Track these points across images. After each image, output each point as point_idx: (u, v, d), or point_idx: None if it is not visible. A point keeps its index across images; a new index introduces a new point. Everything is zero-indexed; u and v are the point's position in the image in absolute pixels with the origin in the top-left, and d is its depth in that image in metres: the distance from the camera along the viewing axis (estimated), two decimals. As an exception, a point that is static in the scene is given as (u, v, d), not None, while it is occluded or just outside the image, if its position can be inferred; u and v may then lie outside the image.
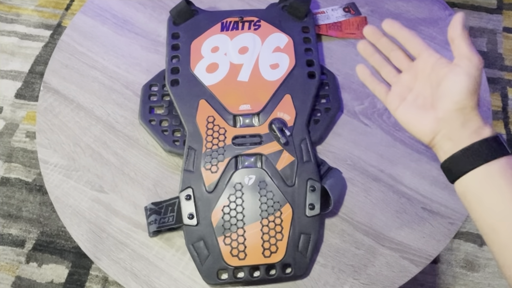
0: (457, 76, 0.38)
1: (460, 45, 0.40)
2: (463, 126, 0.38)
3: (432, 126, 0.40)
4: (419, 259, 0.54)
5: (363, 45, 0.46)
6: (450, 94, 0.38)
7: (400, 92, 0.43)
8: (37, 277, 1.01)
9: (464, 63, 0.39)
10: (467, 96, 0.38)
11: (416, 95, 0.42)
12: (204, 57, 0.64)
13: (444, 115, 0.39)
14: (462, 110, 0.38)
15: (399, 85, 0.43)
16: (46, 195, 1.11)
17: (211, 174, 0.55)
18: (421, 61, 0.43)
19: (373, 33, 0.45)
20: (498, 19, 1.43)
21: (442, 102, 0.39)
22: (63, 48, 0.69)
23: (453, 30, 0.40)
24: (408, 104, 0.42)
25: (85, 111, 0.63)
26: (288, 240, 0.52)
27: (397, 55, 0.45)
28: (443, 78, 0.39)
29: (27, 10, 1.42)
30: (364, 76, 0.46)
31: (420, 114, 0.41)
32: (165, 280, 0.52)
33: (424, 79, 0.42)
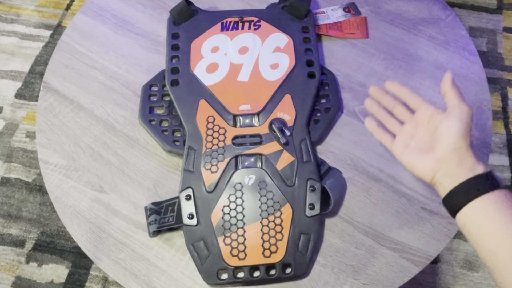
0: (450, 122, 0.45)
1: (451, 97, 0.46)
2: (459, 165, 0.44)
3: (432, 166, 0.45)
4: (419, 259, 0.54)
5: (370, 102, 0.54)
6: (445, 137, 0.45)
7: (403, 140, 0.49)
8: (37, 277, 1.01)
9: (456, 111, 0.45)
10: (461, 138, 0.44)
11: (417, 141, 0.48)
12: (204, 57, 0.64)
13: (442, 155, 0.44)
14: (457, 151, 0.44)
15: (402, 134, 0.50)
16: (46, 195, 1.11)
17: (211, 174, 0.55)
18: (420, 113, 0.49)
19: (377, 91, 0.54)
20: (498, 19, 1.42)
21: (439, 145, 0.45)
22: (63, 48, 0.69)
23: (444, 85, 0.47)
24: (411, 149, 0.48)
25: (85, 111, 0.64)
26: (288, 240, 0.52)
27: (399, 109, 0.52)
28: (439, 125, 0.46)
29: (27, 10, 1.42)
30: (372, 128, 0.53)
31: (422, 156, 0.47)
32: (165, 280, 0.52)
33: (423, 127, 0.48)
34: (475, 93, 0.66)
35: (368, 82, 0.66)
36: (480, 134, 0.62)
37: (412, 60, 0.69)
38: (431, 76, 0.67)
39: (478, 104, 0.65)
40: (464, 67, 0.68)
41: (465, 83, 0.67)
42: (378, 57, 0.69)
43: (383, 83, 0.66)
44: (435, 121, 0.47)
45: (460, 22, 0.73)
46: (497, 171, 1.17)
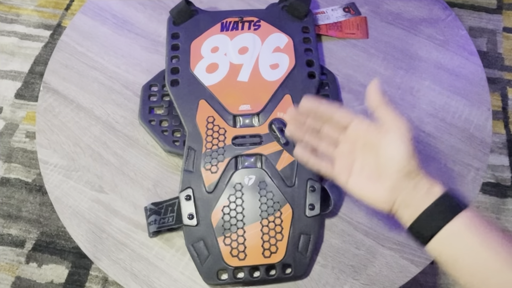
0: (392, 144, 0.40)
1: (384, 113, 0.41)
2: (415, 191, 0.39)
3: (387, 196, 0.41)
4: (419, 259, 0.54)
5: (292, 128, 0.46)
6: (392, 163, 0.40)
7: (344, 165, 0.43)
8: (37, 277, 1.01)
9: (393, 129, 0.40)
10: (408, 160, 0.39)
11: (361, 166, 0.43)
12: (204, 57, 0.64)
13: (394, 183, 0.40)
14: (408, 175, 0.40)
15: (341, 159, 0.44)
16: (46, 195, 1.11)
17: (211, 174, 0.55)
18: (353, 131, 0.43)
19: (297, 114, 0.45)
20: (498, 19, 1.43)
21: (388, 172, 0.40)
22: (63, 48, 0.69)
23: (371, 99, 0.41)
24: (356, 176, 0.43)
25: (85, 111, 0.63)
26: (288, 240, 0.52)
27: (328, 130, 0.45)
28: (380, 147, 0.40)
29: (27, 10, 1.42)
30: (305, 159, 0.45)
31: (372, 186, 0.41)
32: (165, 280, 0.52)
33: (362, 149, 0.43)
34: (475, 93, 0.66)
35: (368, 82, 0.66)
36: (480, 134, 0.62)
37: (412, 60, 0.69)
38: (431, 76, 0.67)
39: (478, 104, 0.65)
40: (464, 67, 0.68)
41: (465, 83, 0.67)
42: (378, 57, 0.69)
43: (383, 83, 0.66)
44: (374, 140, 0.41)
45: (460, 22, 0.73)
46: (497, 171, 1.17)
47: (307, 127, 0.46)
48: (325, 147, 0.45)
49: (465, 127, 0.63)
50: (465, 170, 0.59)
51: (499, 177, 1.16)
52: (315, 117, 0.46)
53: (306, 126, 0.46)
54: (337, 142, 0.45)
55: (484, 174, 0.59)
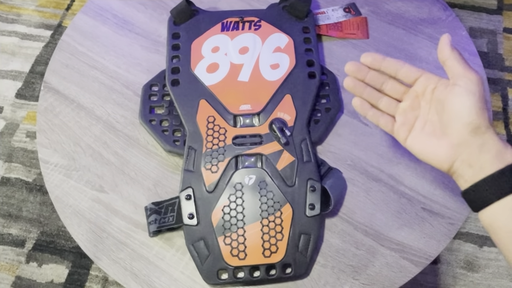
0: (459, 97, 0.37)
1: (453, 65, 0.39)
2: (482, 150, 0.36)
3: (449, 154, 0.38)
4: (419, 259, 0.54)
5: (352, 82, 0.43)
6: (458, 116, 0.37)
7: (406, 121, 0.41)
8: (37, 277, 1.01)
9: (462, 82, 0.37)
10: (477, 114, 0.36)
11: (423, 122, 0.40)
12: (205, 57, 0.64)
13: (459, 140, 0.37)
14: (476, 131, 0.36)
15: (403, 115, 0.41)
16: (46, 195, 1.11)
17: (211, 174, 0.55)
18: (419, 87, 0.41)
19: (357, 69, 0.43)
20: (498, 20, 1.43)
21: (453, 127, 0.37)
22: (64, 48, 0.69)
23: (442, 52, 0.40)
24: (417, 133, 0.40)
25: (85, 111, 0.64)
26: (288, 240, 0.52)
27: (392, 85, 0.42)
28: (446, 101, 0.38)
29: (27, 10, 1.42)
30: (365, 110, 0.43)
31: (433, 142, 0.39)
32: (165, 280, 0.52)
33: (427, 105, 0.40)
34: (475, 94, 0.66)
35: (369, 82, 0.66)
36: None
37: (413, 60, 0.69)
38: (432, 76, 0.67)
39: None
40: (464, 67, 0.68)
41: (465, 83, 0.67)
42: (378, 57, 0.69)
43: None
44: (440, 97, 0.39)
45: (460, 23, 0.73)
46: (497, 171, 1.16)
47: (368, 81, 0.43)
48: (386, 103, 0.42)
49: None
50: (465, 170, 0.59)
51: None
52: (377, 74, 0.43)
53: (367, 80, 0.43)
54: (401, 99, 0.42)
55: (484, 174, 0.59)
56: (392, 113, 0.43)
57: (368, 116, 0.43)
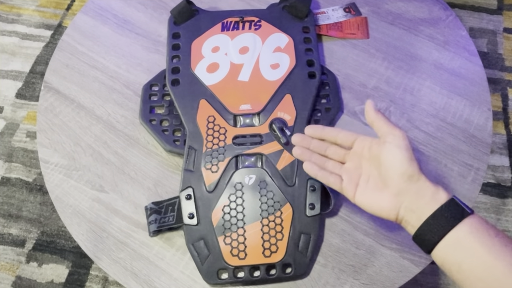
0: (390, 151, 0.42)
1: (380, 126, 0.44)
2: (419, 195, 0.40)
3: (392, 203, 0.42)
4: (419, 259, 0.54)
5: (299, 150, 0.49)
6: (393, 168, 0.41)
7: (351, 179, 0.45)
8: (37, 277, 1.01)
9: (390, 138, 0.42)
10: (408, 164, 0.41)
11: (366, 179, 0.45)
12: (205, 57, 0.64)
13: (398, 189, 0.41)
14: (410, 179, 0.41)
15: (348, 174, 0.46)
16: (46, 195, 1.11)
17: (211, 174, 0.55)
18: (357, 148, 0.46)
19: (302, 139, 0.49)
20: (499, 20, 1.43)
21: (391, 179, 0.42)
22: (64, 48, 0.69)
23: (368, 116, 0.45)
24: (362, 189, 0.44)
25: (85, 110, 0.64)
26: (288, 240, 0.52)
27: (333, 151, 0.48)
28: (381, 157, 0.42)
29: (28, 10, 1.43)
30: (315, 172, 0.47)
31: (377, 195, 0.43)
32: (165, 279, 0.52)
33: (367, 162, 0.45)
34: (475, 94, 0.66)
35: (369, 82, 0.66)
36: (480, 134, 0.62)
37: (413, 60, 0.69)
38: (432, 76, 0.67)
39: (478, 104, 0.65)
40: (464, 67, 0.68)
41: (465, 83, 0.67)
42: (378, 57, 0.69)
43: (383, 84, 0.66)
44: (375, 153, 0.43)
45: (461, 23, 0.73)
46: (497, 171, 1.17)
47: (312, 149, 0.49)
48: (332, 166, 0.48)
49: (466, 128, 0.63)
50: (465, 170, 0.59)
51: (499, 177, 1.16)
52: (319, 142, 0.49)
53: (312, 148, 0.49)
54: (343, 161, 0.48)
55: (484, 175, 0.59)
56: (338, 173, 0.47)
57: (319, 176, 0.47)
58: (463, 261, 0.38)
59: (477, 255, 0.37)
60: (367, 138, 0.45)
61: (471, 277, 0.37)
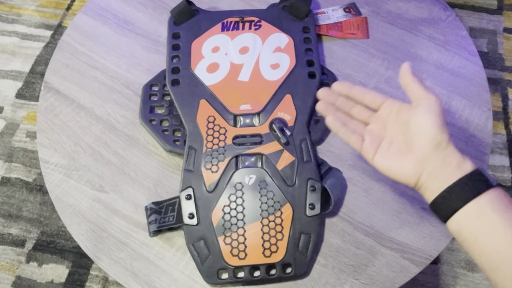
0: (422, 116, 0.40)
1: (414, 89, 0.42)
2: (444, 163, 0.39)
3: (415, 168, 0.41)
4: (420, 259, 0.54)
5: (323, 105, 0.47)
6: (422, 133, 0.40)
7: (373, 141, 0.44)
8: (37, 277, 1.01)
9: (424, 102, 0.41)
10: (438, 131, 0.40)
11: (389, 142, 0.43)
12: (205, 57, 0.64)
13: (423, 154, 0.40)
14: (438, 146, 0.40)
15: (370, 135, 0.44)
16: (46, 195, 1.11)
17: (211, 174, 0.55)
18: (384, 111, 0.45)
19: (328, 94, 0.47)
20: (499, 20, 1.43)
21: (417, 143, 0.40)
22: (64, 48, 0.69)
23: (404, 78, 0.43)
24: (383, 151, 0.43)
25: (85, 110, 0.64)
26: (288, 240, 0.52)
27: (358, 110, 0.46)
28: (410, 120, 0.41)
29: (28, 10, 1.43)
30: (337, 128, 0.46)
31: (399, 159, 0.42)
32: (165, 279, 0.52)
33: (392, 126, 0.44)
34: (475, 94, 0.66)
35: (369, 82, 0.66)
36: (480, 134, 0.62)
37: (413, 60, 0.69)
38: (432, 76, 0.67)
39: (478, 104, 0.65)
40: (464, 67, 0.68)
41: (465, 83, 0.67)
42: (378, 57, 0.69)
43: (383, 84, 0.66)
44: (404, 118, 0.42)
45: (461, 23, 0.73)
46: (497, 171, 1.17)
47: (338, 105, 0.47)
48: (355, 125, 0.46)
49: (466, 127, 0.63)
50: (465, 170, 0.59)
51: (499, 177, 1.16)
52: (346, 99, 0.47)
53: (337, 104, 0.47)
54: (367, 122, 0.46)
55: (484, 174, 0.59)
56: (359, 134, 0.45)
57: (340, 133, 0.46)
58: (480, 231, 0.37)
59: (496, 227, 0.36)
60: (396, 102, 0.44)
61: (488, 249, 0.36)
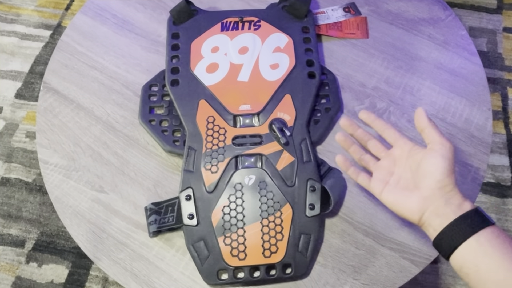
0: (435, 159, 0.43)
1: (430, 133, 0.45)
2: (447, 203, 0.42)
3: (419, 205, 0.43)
4: (419, 259, 0.54)
5: (342, 137, 0.51)
6: (432, 174, 0.43)
7: (382, 177, 0.47)
8: (37, 277, 1.01)
9: (438, 147, 0.43)
10: (447, 175, 0.42)
11: (398, 178, 0.46)
12: (204, 57, 0.64)
13: (429, 193, 0.43)
14: (444, 188, 0.42)
15: (380, 171, 0.48)
16: (46, 195, 1.11)
17: (211, 174, 0.55)
18: (397, 148, 0.48)
19: (350, 125, 0.51)
20: (498, 19, 1.42)
21: (425, 182, 0.43)
22: (63, 48, 0.69)
23: (419, 122, 0.46)
24: (391, 187, 0.46)
25: (85, 111, 0.63)
26: (288, 240, 0.52)
27: (374, 144, 0.50)
28: (422, 161, 0.44)
29: (27, 10, 1.42)
30: (346, 167, 0.50)
31: (405, 195, 0.44)
32: (165, 280, 0.52)
33: (402, 164, 0.46)
34: (475, 93, 0.66)
35: (368, 82, 0.66)
36: (480, 134, 0.62)
37: (412, 60, 0.69)
38: (431, 76, 0.67)
39: (478, 104, 0.65)
40: (464, 67, 0.68)
41: (465, 83, 0.67)
42: (378, 57, 0.69)
43: (383, 83, 0.66)
44: (415, 158, 0.45)
45: (460, 22, 0.73)
46: (497, 171, 1.17)
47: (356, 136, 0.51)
48: (367, 160, 0.49)
49: (465, 127, 0.63)
50: (465, 170, 0.59)
51: (499, 177, 1.16)
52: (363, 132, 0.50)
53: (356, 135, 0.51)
54: (379, 157, 0.49)
55: (484, 174, 0.59)
56: (370, 169, 0.49)
57: (349, 172, 0.50)
58: (481, 263, 0.39)
59: (496, 259, 0.38)
60: (408, 142, 0.47)
61: (489, 279, 0.39)
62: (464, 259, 0.40)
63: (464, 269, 0.40)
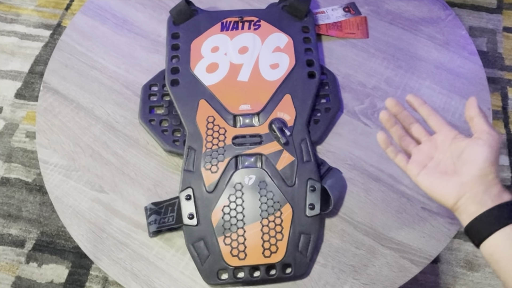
0: (480, 147, 0.43)
1: (479, 123, 0.44)
2: (486, 191, 0.42)
3: (457, 190, 0.43)
4: (419, 259, 0.54)
5: (386, 115, 0.49)
6: (475, 162, 0.43)
7: (420, 160, 0.46)
8: (37, 277, 1.01)
9: (485, 137, 0.43)
10: (490, 165, 0.42)
11: (437, 163, 0.46)
12: (204, 57, 0.64)
13: (469, 180, 0.42)
14: (485, 177, 0.42)
15: (419, 154, 0.47)
16: (46, 195, 1.11)
17: (211, 174, 0.55)
18: (441, 135, 0.47)
19: (395, 105, 0.50)
20: (498, 19, 1.42)
21: (466, 169, 0.43)
22: (63, 48, 0.69)
23: (470, 111, 0.45)
24: (429, 170, 0.45)
25: (85, 111, 0.63)
26: (288, 240, 0.52)
27: (417, 127, 0.49)
28: (466, 148, 0.44)
29: (27, 10, 1.42)
30: (385, 145, 0.49)
31: (443, 179, 0.44)
32: (165, 280, 0.52)
33: (444, 149, 0.46)
34: (475, 93, 0.66)
35: (368, 82, 0.66)
36: (480, 134, 0.62)
37: (412, 60, 0.69)
38: (431, 76, 0.67)
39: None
40: (464, 67, 0.68)
41: (465, 82, 0.67)
42: (378, 57, 0.69)
43: (383, 83, 0.66)
44: (459, 145, 0.45)
45: (460, 22, 0.73)
46: (497, 171, 1.16)
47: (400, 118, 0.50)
48: (407, 142, 0.49)
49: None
50: (465, 170, 0.59)
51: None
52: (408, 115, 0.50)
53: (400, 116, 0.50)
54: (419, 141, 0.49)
55: (484, 174, 0.59)
56: (409, 151, 0.48)
57: (388, 150, 0.49)
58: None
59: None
60: (453, 130, 0.47)
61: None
62: (496, 246, 0.40)
63: (496, 257, 0.40)
